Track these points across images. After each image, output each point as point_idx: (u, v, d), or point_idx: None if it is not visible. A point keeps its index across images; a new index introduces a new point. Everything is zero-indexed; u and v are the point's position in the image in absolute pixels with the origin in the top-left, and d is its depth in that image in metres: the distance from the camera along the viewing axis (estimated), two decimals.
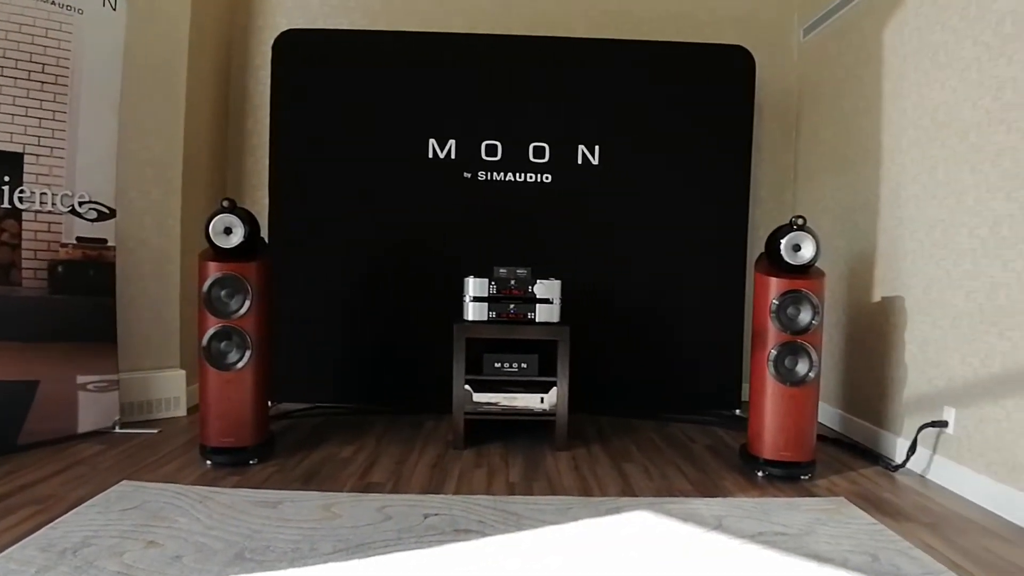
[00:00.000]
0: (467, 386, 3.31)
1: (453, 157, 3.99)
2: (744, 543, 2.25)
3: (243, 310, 2.87)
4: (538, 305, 3.35)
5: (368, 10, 4.39)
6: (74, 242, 3.25)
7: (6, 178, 3.04)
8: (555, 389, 3.31)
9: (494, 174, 4.00)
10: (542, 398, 3.33)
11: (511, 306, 3.35)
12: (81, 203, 3.26)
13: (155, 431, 3.41)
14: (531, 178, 4.01)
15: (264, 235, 3.46)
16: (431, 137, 3.97)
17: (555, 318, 3.36)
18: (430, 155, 3.98)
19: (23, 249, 3.10)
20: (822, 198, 4.12)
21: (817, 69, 4.26)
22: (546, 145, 4.00)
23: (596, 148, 4.02)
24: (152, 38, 3.65)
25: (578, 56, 4.02)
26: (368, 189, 3.98)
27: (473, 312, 3.35)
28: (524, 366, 3.38)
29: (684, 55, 4.06)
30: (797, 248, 2.89)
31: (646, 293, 4.06)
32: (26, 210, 3.09)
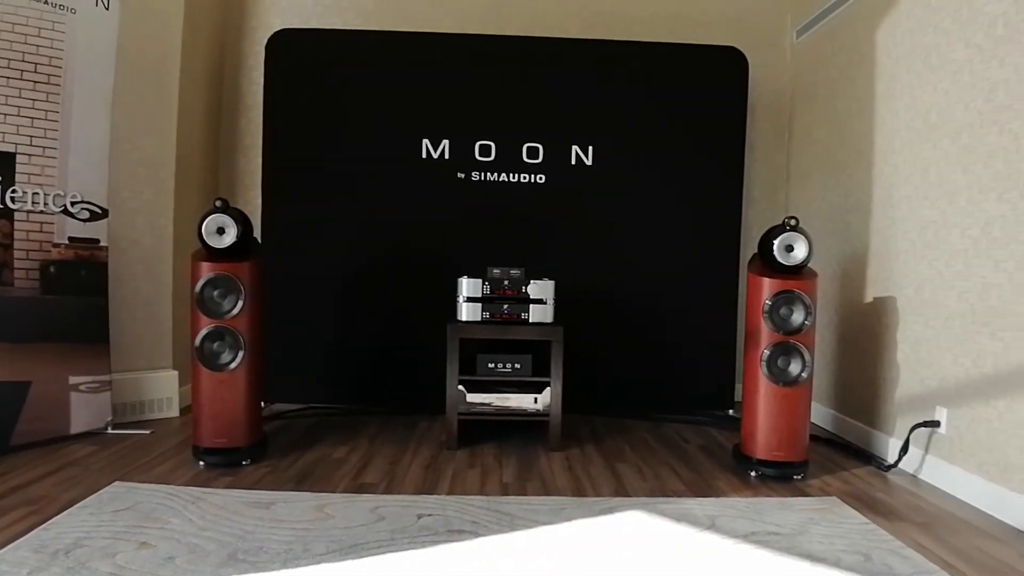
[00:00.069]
0: (461, 386, 3.31)
1: (447, 157, 3.99)
2: (737, 543, 2.25)
3: (236, 310, 2.87)
4: (531, 305, 3.35)
5: (361, 10, 4.39)
6: (66, 242, 3.24)
7: None
8: (549, 389, 3.31)
9: (488, 174, 4.00)
10: (536, 398, 3.33)
11: (505, 306, 3.35)
12: (73, 203, 3.25)
13: (147, 432, 3.40)
14: (525, 178, 4.01)
15: (257, 235, 3.46)
16: (425, 137, 3.97)
17: (548, 318, 3.36)
18: (424, 155, 3.98)
19: (15, 249, 3.08)
20: (815, 199, 4.13)
21: (810, 70, 4.27)
22: (539, 146, 4.00)
23: (589, 149, 4.02)
24: (145, 37, 3.64)
25: (571, 57, 4.02)
26: (361, 189, 3.97)
27: (467, 312, 3.35)
28: (518, 366, 3.38)
29: (677, 56, 4.06)
30: (790, 248, 2.90)
31: (639, 294, 4.06)
32: (18, 210, 3.08)
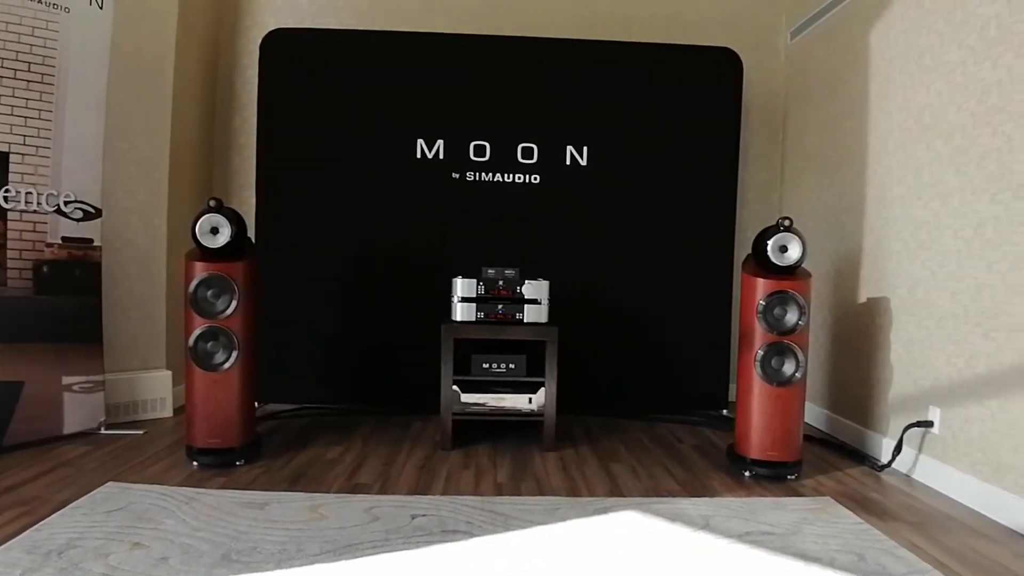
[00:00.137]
0: (455, 387, 3.31)
1: (441, 157, 3.98)
2: (731, 543, 2.26)
3: (230, 310, 2.86)
4: (526, 306, 3.35)
5: (356, 10, 4.38)
6: (60, 242, 3.23)
7: None
8: (543, 389, 3.32)
9: (482, 174, 4.00)
10: (530, 398, 3.33)
11: (499, 306, 3.35)
12: (67, 202, 3.24)
13: (141, 432, 3.39)
14: (519, 179, 4.01)
15: (251, 235, 3.45)
16: (419, 137, 3.97)
17: (543, 319, 3.36)
18: (418, 155, 3.98)
19: (8, 249, 3.07)
20: (809, 199, 4.14)
21: (804, 71, 4.28)
22: (534, 146, 4.00)
23: (584, 149, 4.03)
24: (139, 37, 3.62)
25: (566, 57, 4.02)
26: (355, 189, 3.97)
27: (461, 313, 3.35)
28: (512, 367, 3.38)
29: (671, 57, 4.07)
30: (784, 249, 2.91)
31: (634, 294, 4.07)
32: (11, 209, 3.07)
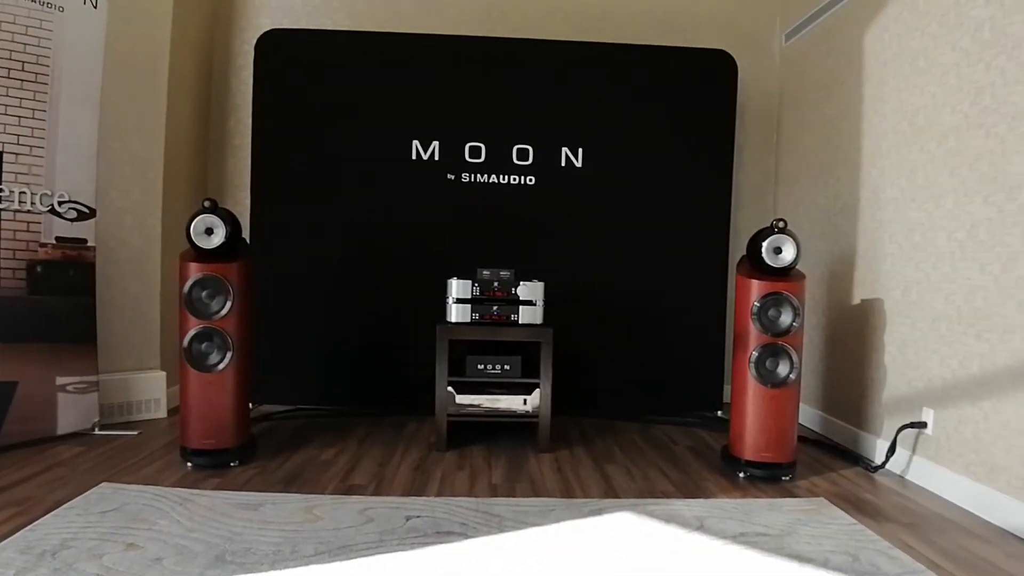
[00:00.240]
0: (450, 388, 3.30)
1: (437, 159, 3.98)
2: (726, 544, 2.26)
3: (224, 311, 2.85)
4: (521, 307, 3.35)
5: (352, 10, 4.38)
6: (53, 242, 3.22)
7: None
8: (538, 391, 3.32)
9: (478, 176, 4.00)
10: (525, 400, 3.33)
11: (494, 308, 3.35)
12: (61, 202, 3.22)
13: (135, 433, 3.38)
14: (515, 180, 4.01)
15: (246, 236, 3.45)
16: (415, 138, 3.97)
17: (538, 320, 3.36)
18: (414, 156, 3.97)
19: (2, 249, 3.06)
20: (803, 201, 4.15)
21: (798, 73, 4.30)
22: (529, 147, 4.01)
23: (579, 151, 4.03)
24: (134, 36, 3.62)
25: (562, 59, 4.03)
26: (351, 190, 3.96)
27: (456, 314, 3.34)
28: (507, 368, 3.37)
29: (666, 59, 4.07)
30: (778, 251, 2.91)
31: (629, 295, 4.07)
32: (5, 209, 3.06)
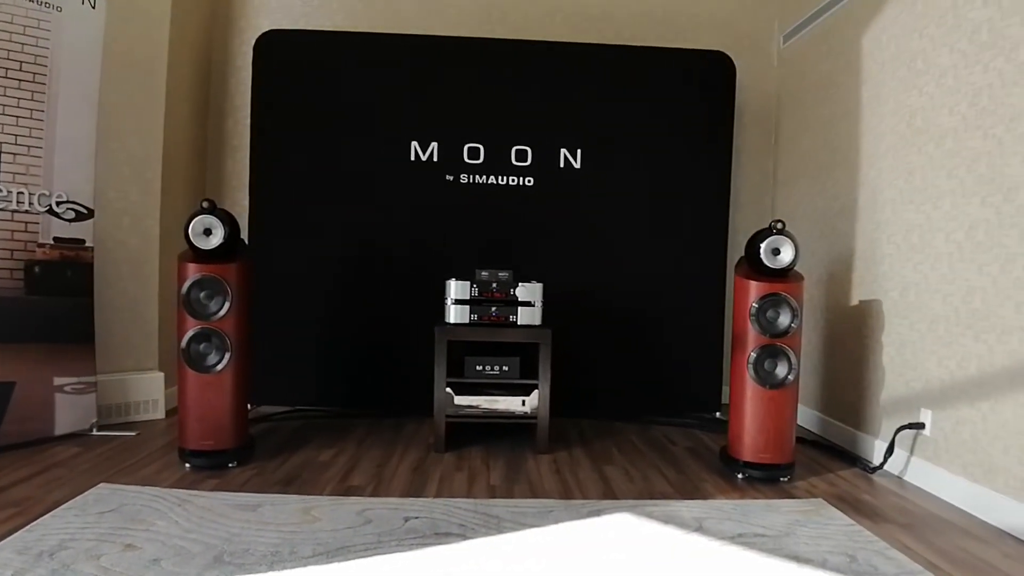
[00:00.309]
0: (448, 389, 3.30)
1: (435, 159, 3.98)
2: (724, 544, 2.26)
3: (222, 312, 2.85)
4: (520, 308, 3.35)
5: (351, 11, 4.38)
6: (51, 242, 3.21)
7: None
8: (536, 392, 3.31)
9: (476, 177, 4.00)
10: (523, 401, 3.32)
11: (493, 309, 3.34)
12: (59, 203, 3.22)
13: (133, 434, 3.38)
14: (513, 181, 4.01)
15: (244, 237, 3.44)
16: (413, 139, 3.97)
17: (537, 321, 3.36)
18: (412, 157, 3.97)
19: None
20: (801, 202, 4.15)
21: (797, 75, 4.30)
22: (528, 148, 4.00)
23: (578, 152, 4.03)
24: (132, 36, 3.61)
25: (560, 60, 4.03)
26: (349, 191, 3.96)
27: (455, 315, 3.34)
28: (506, 369, 3.37)
29: (665, 60, 4.08)
30: (776, 252, 2.91)
31: (628, 297, 4.07)
32: (3, 209, 3.05)
